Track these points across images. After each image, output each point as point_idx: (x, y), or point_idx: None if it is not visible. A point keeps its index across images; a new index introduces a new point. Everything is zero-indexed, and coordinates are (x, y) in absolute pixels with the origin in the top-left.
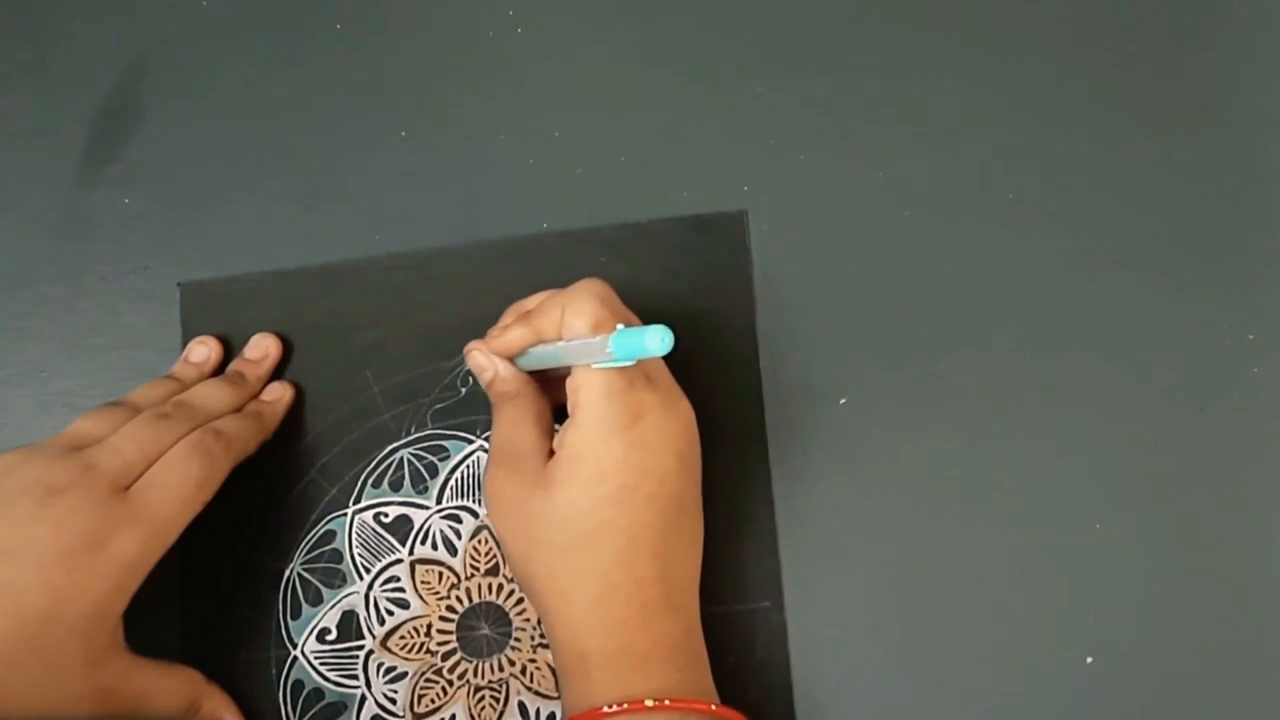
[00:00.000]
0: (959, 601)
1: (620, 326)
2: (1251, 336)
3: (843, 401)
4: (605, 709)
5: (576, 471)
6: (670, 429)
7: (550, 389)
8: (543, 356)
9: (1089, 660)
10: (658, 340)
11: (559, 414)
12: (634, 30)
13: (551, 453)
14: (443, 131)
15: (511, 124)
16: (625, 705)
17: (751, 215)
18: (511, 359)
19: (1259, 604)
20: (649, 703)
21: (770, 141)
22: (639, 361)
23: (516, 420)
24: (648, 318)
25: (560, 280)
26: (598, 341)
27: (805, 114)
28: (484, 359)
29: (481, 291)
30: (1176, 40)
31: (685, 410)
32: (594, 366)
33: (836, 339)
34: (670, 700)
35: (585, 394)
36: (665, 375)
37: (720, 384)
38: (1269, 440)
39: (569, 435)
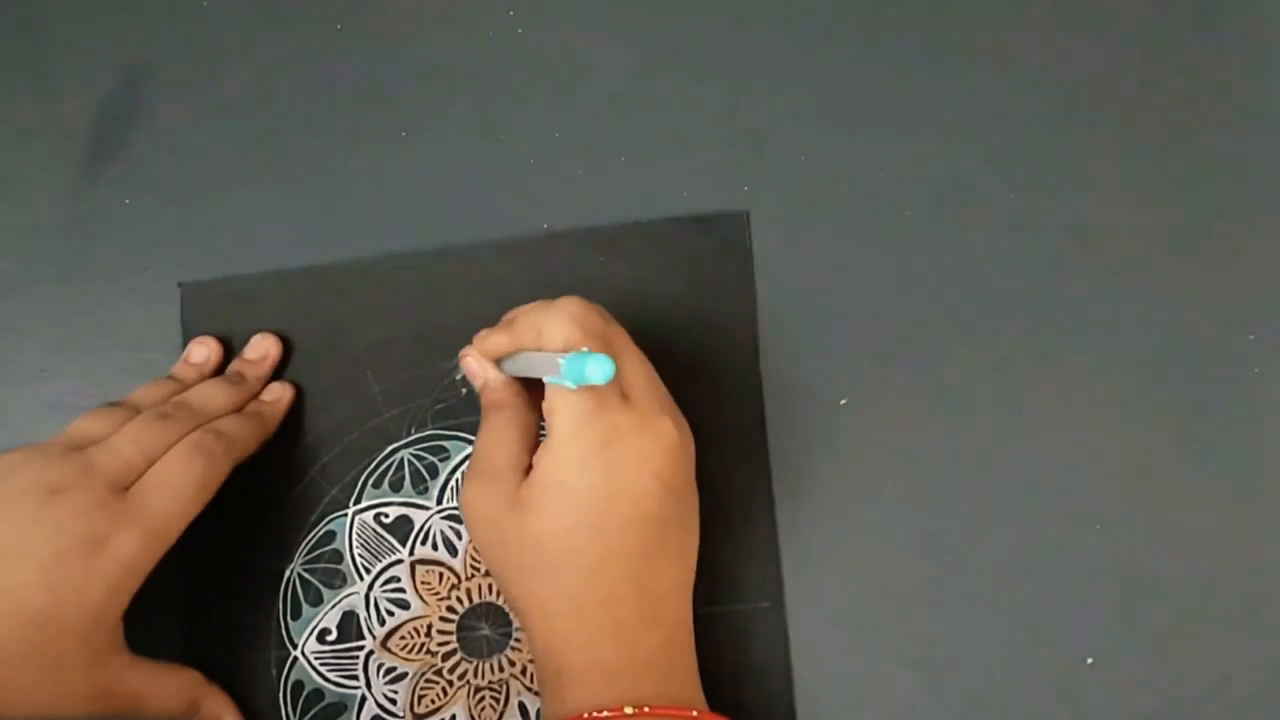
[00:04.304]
0: (958, 602)
1: (585, 350)
2: (1252, 337)
3: (843, 402)
4: (587, 716)
5: (548, 498)
6: (647, 451)
7: (540, 398)
8: (520, 364)
9: (1089, 661)
10: (597, 370)
11: None
12: (634, 30)
13: (530, 469)
14: (443, 131)
15: (511, 124)
16: (605, 713)
17: (752, 215)
18: (499, 364)
19: (1260, 604)
20: (629, 710)
21: (770, 141)
22: (614, 381)
23: (499, 432)
24: (648, 318)
25: (560, 280)
26: (554, 360)
27: (805, 114)
28: (476, 365)
29: (481, 291)
30: (1176, 41)
31: (665, 429)
32: (559, 386)
33: (836, 339)
34: (650, 708)
35: (557, 418)
36: (649, 392)
37: (720, 384)
38: (1269, 440)
39: (543, 459)
